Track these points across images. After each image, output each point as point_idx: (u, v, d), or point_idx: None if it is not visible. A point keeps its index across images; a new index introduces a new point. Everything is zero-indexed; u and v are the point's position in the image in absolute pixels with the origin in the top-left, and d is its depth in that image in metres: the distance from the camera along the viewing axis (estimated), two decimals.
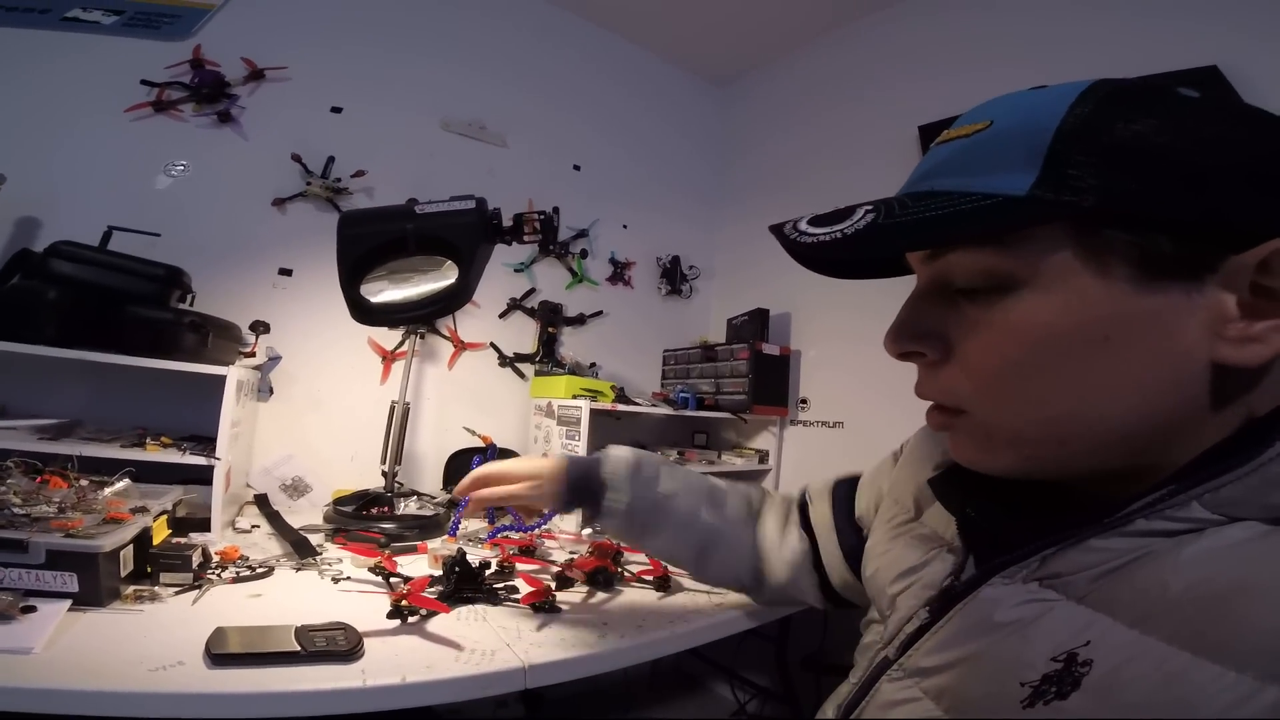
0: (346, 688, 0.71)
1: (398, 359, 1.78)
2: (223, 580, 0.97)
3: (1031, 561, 0.42)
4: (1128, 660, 0.33)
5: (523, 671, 0.80)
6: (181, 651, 0.72)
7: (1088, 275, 0.37)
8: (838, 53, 2.20)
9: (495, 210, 1.19)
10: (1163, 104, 0.36)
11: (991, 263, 0.40)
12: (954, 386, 0.44)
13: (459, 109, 1.98)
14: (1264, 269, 0.34)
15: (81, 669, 0.66)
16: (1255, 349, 0.35)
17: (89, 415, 1.37)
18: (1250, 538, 0.33)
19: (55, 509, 0.85)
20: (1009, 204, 0.37)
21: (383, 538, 1.25)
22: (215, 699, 0.67)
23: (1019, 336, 0.39)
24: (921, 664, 0.47)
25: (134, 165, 1.51)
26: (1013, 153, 0.37)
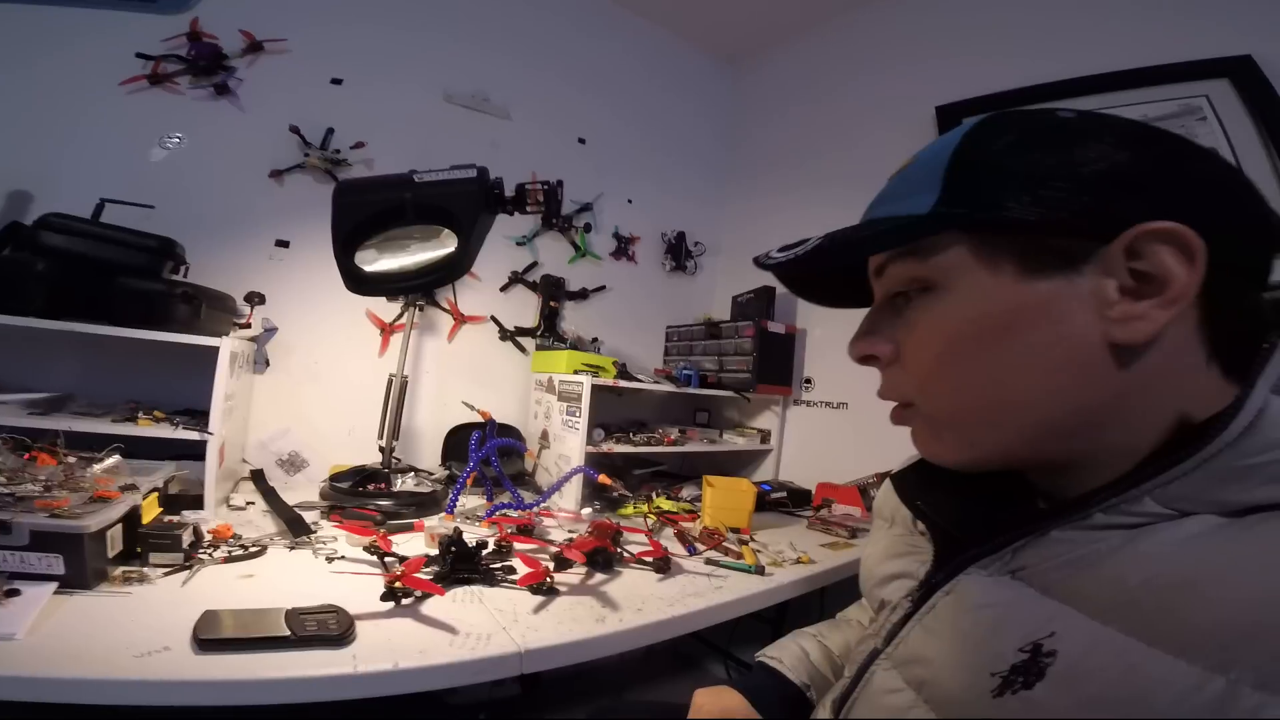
0: (337, 674, 0.69)
1: (396, 331, 1.76)
2: (214, 560, 0.96)
3: (1004, 553, 0.45)
4: (1089, 651, 0.36)
5: (519, 656, 0.79)
6: (169, 636, 0.71)
7: (983, 273, 0.43)
8: (853, 32, 2.14)
9: (497, 180, 1.15)
10: (1037, 126, 0.43)
11: (913, 271, 0.46)
12: (901, 383, 0.50)
13: (462, 81, 1.93)
14: (1134, 255, 0.39)
15: (65, 655, 0.65)
16: (1139, 326, 0.39)
17: (81, 389, 1.35)
18: (1201, 532, 0.36)
19: (41, 487, 0.84)
20: (916, 220, 0.44)
21: (379, 515, 1.24)
22: (201, 686, 0.66)
23: (939, 332, 0.45)
24: (905, 654, 0.50)
25: (129, 138, 1.48)
26: (924, 179, 0.45)
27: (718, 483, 1.51)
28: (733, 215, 2.52)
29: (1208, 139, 1.36)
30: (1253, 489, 0.35)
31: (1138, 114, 1.42)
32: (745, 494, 1.48)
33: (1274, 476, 0.35)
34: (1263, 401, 0.36)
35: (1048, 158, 0.41)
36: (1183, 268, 0.37)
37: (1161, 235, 0.37)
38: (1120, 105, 1.48)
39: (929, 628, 0.49)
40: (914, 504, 0.56)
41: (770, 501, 1.72)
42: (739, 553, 1.26)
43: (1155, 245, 0.38)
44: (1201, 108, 1.38)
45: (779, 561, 1.26)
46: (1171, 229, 0.37)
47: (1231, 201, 0.41)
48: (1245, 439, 0.36)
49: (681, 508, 1.58)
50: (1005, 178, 0.41)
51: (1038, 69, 1.61)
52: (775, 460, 2.07)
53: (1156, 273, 0.38)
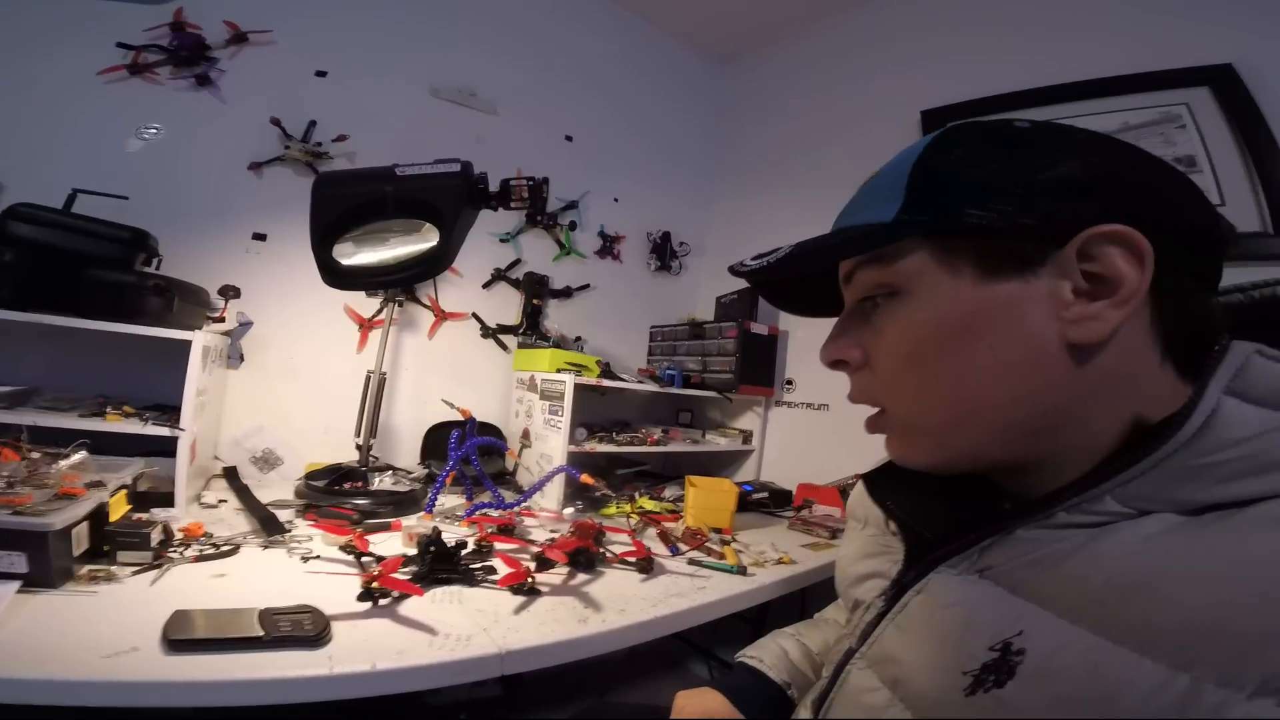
0: (312, 675, 0.68)
1: (375, 327, 1.73)
2: (185, 559, 0.93)
3: (972, 553, 0.46)
4: (1058, 650, 0.37)
5: (499, 658, 0.78)
6: (137, 636, 0.69)
7: (944, 277, 0.44)
8: (840, 35, 2.16)
9: (481, 175, 1.14)
10: (994, 136, 0.45)
11: (879, 277, 0.47)
12: (870, 386, 0.51)
13: (449, 75, 1.91)
14: (1086, 257, 0.40)
15: (30, 656, 0.63)
16: (1093, 325, 0.40)
17: (48, 383, 1.31)
18: (1160, 531, 0.37)
19: (3, 483, 0.81)
20: (879, 228, 0.45)
21: (355, 514, 1.22)
22: (171, 687, 0.64)
23: (904, 335, 0.47)
24: (879, 652, 0.51)
25: (105, 129, 1.45)
26: (889, 188, 0.46)
27: (700, 483, 1.51)
28: (719, 216, 2.52)
29: (1186, 146, 1.39)
30: (1208, 488, 0.36)
31: (1118, 121, 1.47)
32: (727, 494, 1.48)
33: (1227, 475, 0.36)
34: (1215, 402, 0.37)
35: (1004, 166, 0.42)
36: (1133, 269, 0.39)
37: (1112, 237, 0.39)
38: (1102, 112, 1.50)
39: (902, 626, 0.49)
40: (884, 504, 0.57)
41: (752, 502, 1.73)
42: (721, 553, 1.26)
43: (1106, 247, 0.39)
44: (1181, 115, 1.40)
45: (761, 562, 1.26)
46: (1121, 231, 0.39)
47: (1180, 206, 0.42)
48: (1199, 439, 0.36)
49: (664, 508, 1.57)
50: (963, 185, 0.43)
51: (1021, 75, 1.63)
52: (757, 461, 2.07)
53: (1108, 274, 0.40)
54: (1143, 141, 1.43)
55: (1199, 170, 1.36)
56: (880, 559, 0.59)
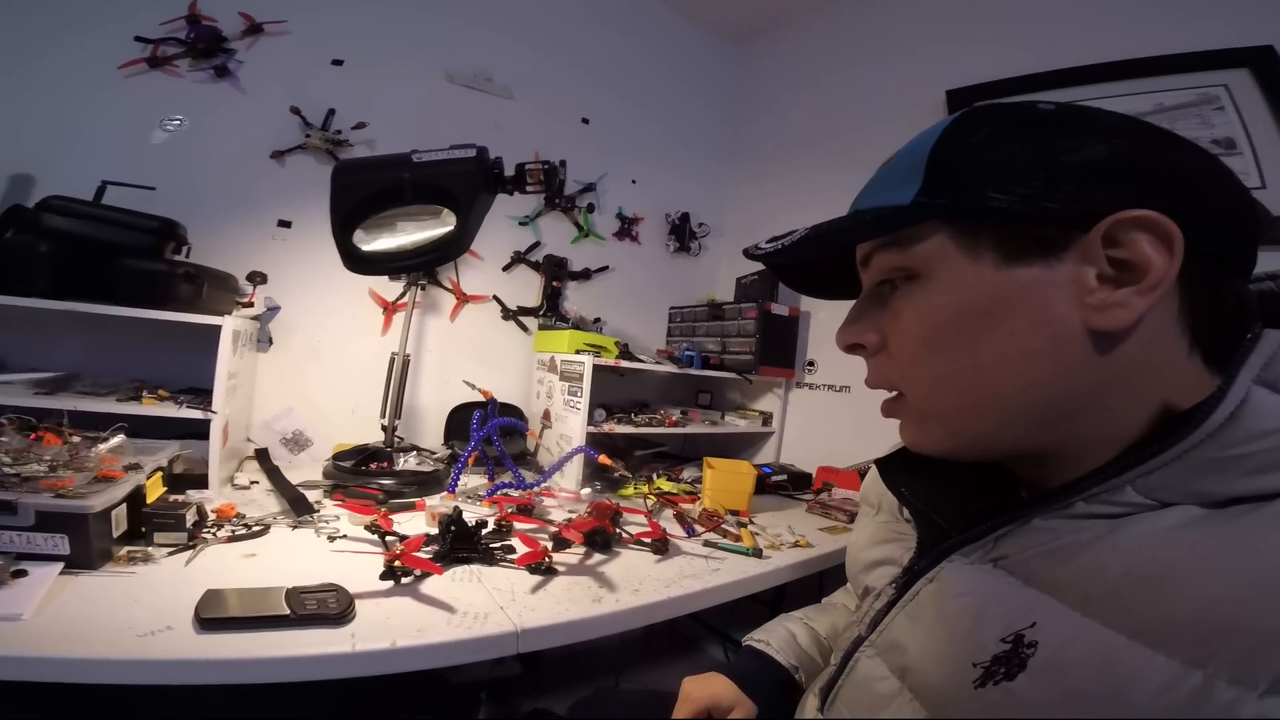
0: (335, 653, 0.71)
1: (399, 310, 1.77)
2: (218, 540, 0.97)
3: (986, 542, 0.45)
4: (1070, 642, 0.36)
5: (515, 636, 0.81)
6: (171, 615, 0.72)
7: (964, 261, 0.43)
8: (863, 13, 2.10)
9: (497, 159, 1.15)
10: (1017, 118, 0.43)
11: (896, 260, 0.46)
12: (887, 371, 0.50)
13: (465, 61, 1.91)
14: (1112, 243, 0.39)
15: (70, 636, 0.66)
16: (1117, 313, 0.39)
17: (86, 369, 1.37)
18: (1182, 523, 0.36)
19: (46, 468, 0.85)
20: (897, 211, 0.45)
21: (381, 494, 1.26)
22: (202, 665, 0.67)
23: (922, 319, 0.46)
24: (888, 641, 0.51)
25: (130, 121, 1.48)
26: (907, 170, 0.45)
27: (718, 464, 1.52)
28: (738, 197, 2.49)
29: (1225, 129, 1.34)
30: (1233, 480, 0.35)
31: (1153, 102, 1.43)
32: (745, 476, 1.49)
33: (1255, 468, 0.35)
34: (1245, 392, 0.36)
35: (1027, 148, 0.41)
36: (1160, 255, 0.38)
37: (1139, 223, 0.38)
38: (1136, 93, 1.45)
39: (912, 615, 0.49)
40: (899, 491, 0.56)
41: (770, 484, 1.73)
42: (737, 535, 1.27)
43: (1133, 233, 0.38)
44: (1220, 97, 1.35)
45: (777, 545, 1.27)
46: (1149, 217, 0.37)
47: (1211, 191, 0.41)
48: (1226, 429, 0.35)
49: (682, 489, 1.59)
50: (984, 168, 0.42)
51: (1052, 54, 1.58)
52: (777, 443, 2.07)
53: (1135, 260, 0.38)
54: (1179, 124, 1.38)
55: (1239, 153, 1.32)
56: (892, 546, 0.59)
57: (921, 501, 0.54)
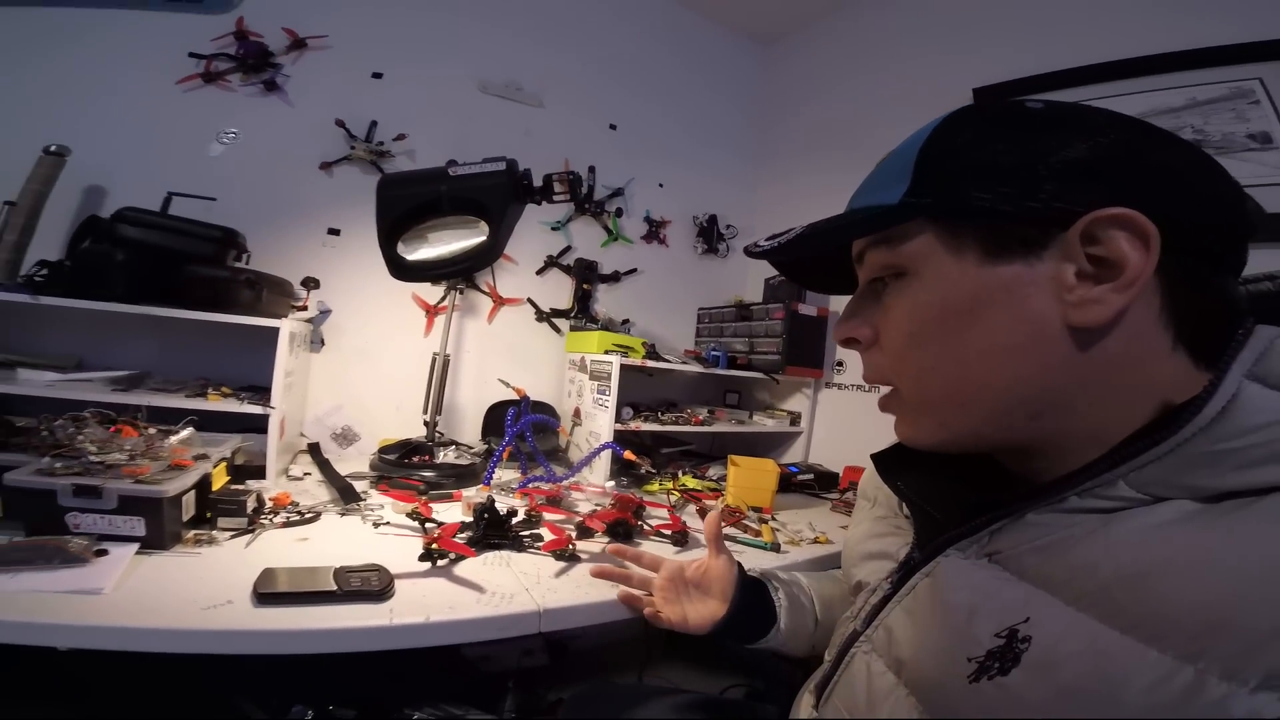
0: (375, 626, 0.78)
1: (440, 313, 1.86)
2: (274, 525, 1.07)
3: (981, 536, 0.46)
4: (1063, 637, 0.37)
5: (538, 615, 0.87)
6: (232, 591, 0.80)
7: (948, 259, 0.44)
8: (889, 11, 2.10)
9: (525, 171, 1.22)
10: (1003, 116, 0.45)
11: (887, 258, 0.48)
12: (880, 365, 0.51)
13: (496, 71, 1.99)
14: (1091, 240, 0.40)
15: (143, 608, 0.74)
16: (1095, 309, 0.40)
17: (157, 367, 1.49)
18: (1174, 519, 0.36)
19: (127, 457, 0.95)
20: (886, 210, 0.46)
21: (422, 485, 1.34)
22: (258, 635, 0.74)
23: (910, 315, 0.47)
24: (884, 636, 0.52)
25: (188, 134, 1.59)
26: (898, 170, 0.47)
27: (742, 462, 1.56)
28: (765, 198, 2.51)
29: (1260, 123, 1.31)
30: (1224, 474, 0.36)
31: (1185, 97, 1.42)
32: (768, 474, 1.53)
33: (1247, 462, 0.35)
34: (1236, 386, 0.36)
35: (1011, 147, 0.42)
36: (1137, 253, 0.38)
37: (1116, 221, 0.39)
38: (1167, 88, 1.43)
39: (908, 610, 0.50)
40: (895, 485, 0.57)
41: (796, 483, 1.76)
42: (758, 530, 1.31)
43: (1111, 230, 0.39)
44: (1254, 90, 1.32)
45: (796, 540, 1.31)
46: (1125, 214, 0.38)
47: (1196, 187, 0.41)
48: (1219, 424, 0.36)
49: (706, 486, 1.64)
50: (969, 167, 0.43)
51: (1082, 50, 1.55)
52: (805, 442, 2.09)
53: (1112, 257, 0.39)
54: (1213, 118, 1.36)
55: (1275, 147, 1.28)
56: (888, 540, 0.60)
57: (918, 495, 0.55)
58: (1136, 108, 1.46)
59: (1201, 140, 1.37)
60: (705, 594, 0.85)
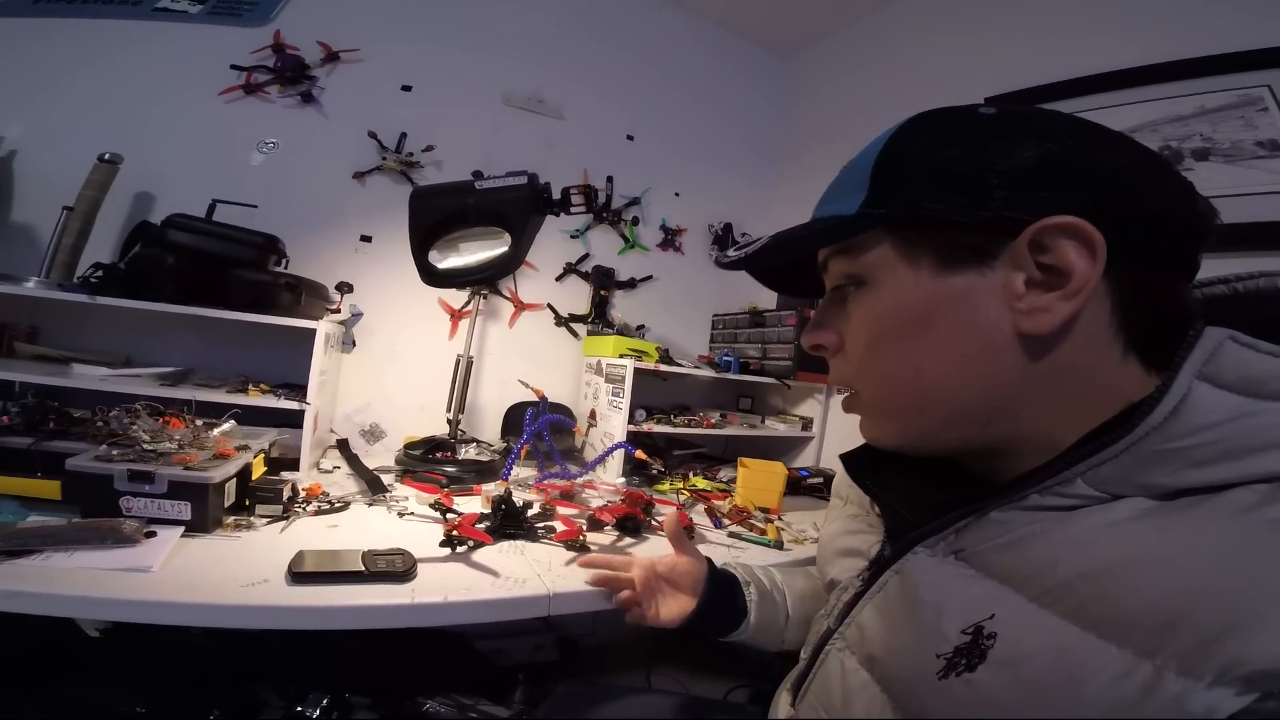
0: (398, 604, 0.85)
1: (464, 317, 1.94)
2: (307, 513, 1.14)
3: (948, 534, 0.47)
4: (1027, 634, 0.37)
5: (547, 599, 0.93)
6: (268, 571, 0.87)
7: (904, 267, 0.46)
8: (902, 23, 2.14)
9: (545, 184, 1.29)
10: (955, 124, 0.45)
11: (847, 268, 0.50)
12: (844, 370, 0.53)
13: (519, 84, 2.06)
14: (1040, 249, 0.41)
15: (187, 585, 0.80)
16: (1043, 317, 0.41)
17: (200, 365, 1.58)
18: (1131, 516, 0.38)
19: (176, 445, 1.03)
20: (844, 221, 0.47)
21: (444, 479, 1.41)
22: (292, 611, 0.81)
23: (869, 323, 0.49)
24: (856, 633, 0.53)
25: (230, 143, 1.69)
26: (856, 180, 0.48)
27: (751, 464, 1.61)
28: (781, 206, 2.55)
29: (1269, 130, 1.32)
30: (1178, 472, 0.37)
31: (1194, 104, 1.43)
32: (776, 476, 1.57)
33: (1198, 460, 0.36)
34: (1187, 387, 0.37)
35: (963, 155, 0.43)
36: (1084, 260, 0.39)
37: (1063, 229, 0.39)
38: (1178, 95, 1.44)
39: (879, 606, 0.51)
40: (864, 483, 0.58)
41: (806, 487, 1.80)
42: (763, 529, 1.36)
43: (1058, 239, 0.40)
44: (1263, 98, 1.33)
45: (800, 539, 1.35)
46: (1070, 223, 0.39)
47: (1145, 191, 0.41)
48: (1171, 423, 0.37)
49: (716, 487, 1.69)
50: (922, 177, 0.44)
51: (1094, 58, 1.58)
52: (817, 447, 2.11)
53: (1060, 266, 0.40)
54: (1221, 126, 1.38)
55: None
56: (860, 538, 0.62)
57: (886, 494, 0.56)
58: (1146, 116, 1.49)
59: (1210, 148, 1.39)
60: (677, 589, 0.88)
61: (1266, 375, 0.36)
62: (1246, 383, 0.37)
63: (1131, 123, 1.50)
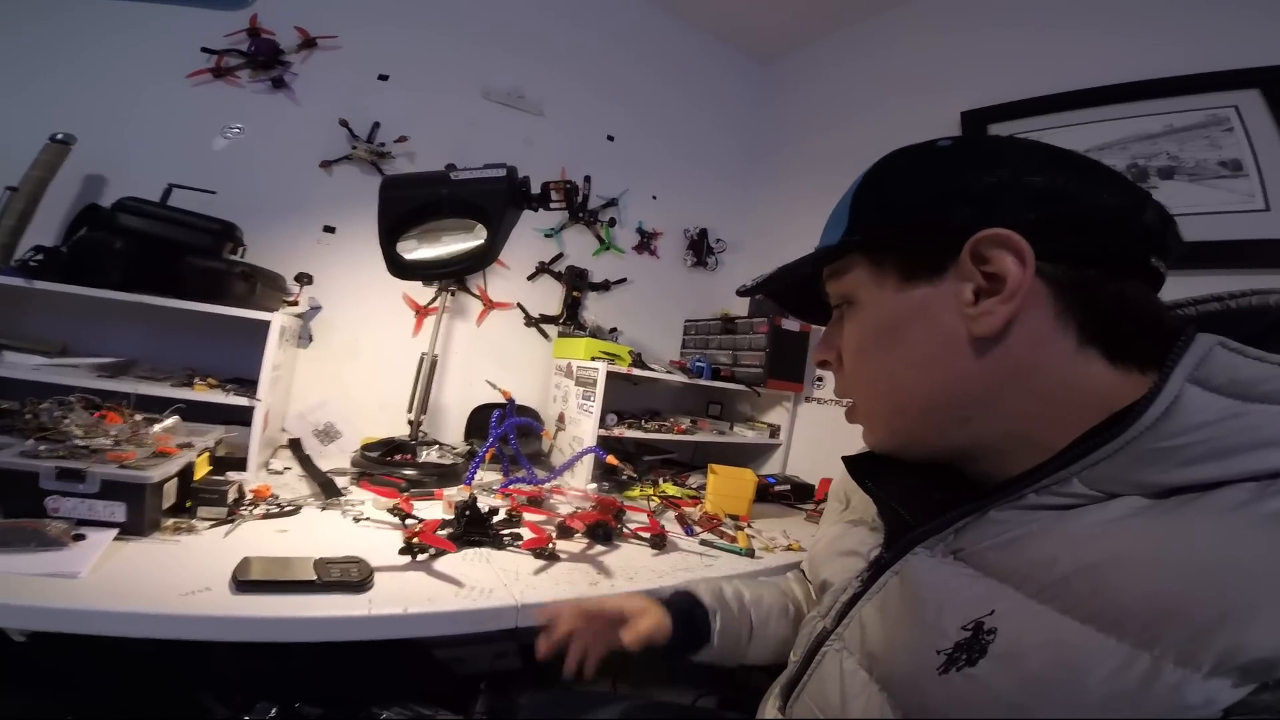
0: (353, 615, 0.80)
1: (429, 314, 1.87)
2: (254, 516, 1.07)
3: (947, 534, 0.49)
4: (1026, 629, 0.39)
5: (515, 610, 0.89)
6: (211, 579, 0.81)
7: (875, 286, 0.52)
8: (881, 35, 2.17)
9: (524, 178, 1.25)
10: (915, 156, 0.52)
11: (838, 289, 0.57)
12: (843, 382, 0.59)
13: (499, 78, 2.02)
14: (982, 260, 0.46)
15: (120, 593, 0.74)
16: (987, 320, 0.45)
17: (143, 356, 1.49)
18: (1126, 514, 0.39)
19: (112, 442, 0.96)
20: (829, 249, 0.55)
21: (403, 483, 1.34)
22: (236, 622, 0.75)
23: (855, 338, 0.55)
24: (855, 633, 0.54)
25: (194, 128, 1.61)
26: (840, 215, 0.55)
27: (721, 471, 1.58)
28: (756, 213, 2.56)
29: (1233, 150, 1.35)
30: (1170, 470, 0.38)
31: (1163, 123, 1.45)
32: (746, 483, 1.56)
33: (1189, 459, 0.38)
34: (1179, 389, 0.39)
35: (921, 184, 0.50)
36: (1016, 267, 0.44)
37: (995, 240, 0.44)
38: (1148, 114, 1.47)
39: (879, 606, 0.52)
40: (865, 484, 0.60)
41: (774, 494, 1.79)
42: (733, 537, 1.34)
43: (995, 249, 0.45)
44: (1229, 118, 1.36)
45: (770, 547, 1.33)
46: (1000, 234, 0.44)
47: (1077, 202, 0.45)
48: (1163, 423, 0.39)
49: (686, 494, 1.66)
50: (886, 205, 0.51)
51: (1065, 76, 1.61)
52: (784, 455, 2.12)
53: (999, 273, 0.45)
54: (1188, 145, 1.41)
55: (1245, 175, 1.33)
56: (859, 541, 0.63)
57: (887, 495, 0.58)
58: (1117, 133, 1.52)
59: (1175, 166, 1.43)
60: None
61: (1254, 379, 0.38)
62: (1235, 386, 0.39)
63: (1102, 140, 1.53)
